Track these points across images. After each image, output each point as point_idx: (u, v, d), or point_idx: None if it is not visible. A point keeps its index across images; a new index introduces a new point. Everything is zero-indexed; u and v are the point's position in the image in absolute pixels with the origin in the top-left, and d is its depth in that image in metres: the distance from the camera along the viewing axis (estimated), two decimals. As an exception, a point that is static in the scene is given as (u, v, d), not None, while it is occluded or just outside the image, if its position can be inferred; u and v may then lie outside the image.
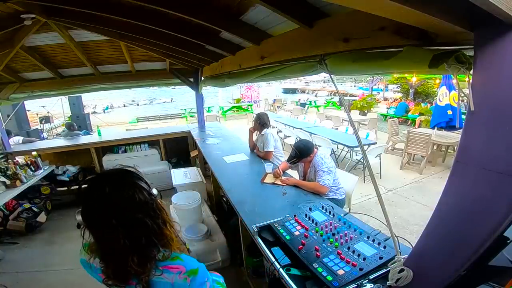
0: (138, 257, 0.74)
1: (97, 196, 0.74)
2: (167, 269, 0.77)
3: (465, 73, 0.77)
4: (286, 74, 1.82)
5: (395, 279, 0.99)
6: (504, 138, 0.66)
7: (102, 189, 0.74)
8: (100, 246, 0.77)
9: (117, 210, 0.73)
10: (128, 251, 0.73)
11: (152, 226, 0.76)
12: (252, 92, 15.69)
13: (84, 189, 0.77)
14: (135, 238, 0.74)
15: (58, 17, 2.25)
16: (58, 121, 10.54)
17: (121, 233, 0.72)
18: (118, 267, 0.76)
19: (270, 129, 3.24)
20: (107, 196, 0.73)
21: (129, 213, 0.74)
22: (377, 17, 0.85)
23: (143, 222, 0.75)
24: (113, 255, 0.75)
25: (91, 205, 0.75)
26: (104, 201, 0.73)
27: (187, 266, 0.78)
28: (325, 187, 2.26)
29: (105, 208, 0.72)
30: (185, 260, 0.80)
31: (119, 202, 0.73)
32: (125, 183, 0.77)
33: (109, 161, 4.49)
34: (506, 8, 0.58)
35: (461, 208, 0.78)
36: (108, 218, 0.72)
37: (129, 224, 0.73)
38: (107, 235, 0.73)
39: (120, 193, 0.74)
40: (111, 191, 0.74)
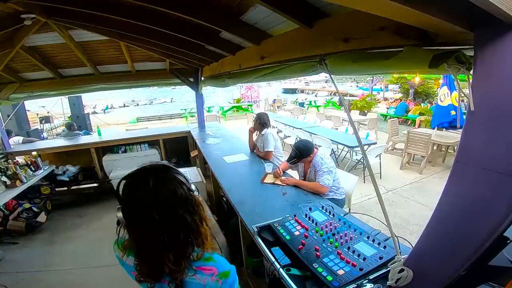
0: (174, 254, 0.73)
1: (141, 190, 0.73)
2: (200, 270, 0.76)
3: (465, 73, 0.77)
4: (286, 74, 1.82)
5: (395, 279, 0.99)
6: (504, 138, 0.66)
7: (146, 183, 0.72)
8: (139, 242, 0.76)
9: (160, 204, 0.71)
10: (166, 248, 0.72)
11: (191, 222, 0.75)
12: (252, 92, 15.69)
13: (126, 184, 0.76)
14: (174, 234, 0.73)
15: (58, 17, 2.25)
16: (58, 121, 10.56)
17: (161, 229, 0.71)
18: (154, 264, 0.75)
19: (270, 129, 3.24)
20: (151, 190, 0.72)
21: (171, 208, 0.72)
22: (377, 17, 0.85)
23: (183, 218, 0.73)
24: (150, 251, 0.74)
25: (135, 199, 0.73)
26: (148, 196, 0.71)
27: (219, 268, 0.77)
28: (325, 187, 2.26)
29: (149, 203, 0.71)
30: (218, 262, 0.79)
31: (162, 196, 0.72)
32: (167, 177, 0.76)
33: (109, 161, 4.49)
34: (506, 8, 0.58)
35: (461, 208, 0.78)
36: (151, 213, 0.70)
37: (170, 220, 0.72)
38: (147, 230, 0.72)
39: (163, 188, 0.73)
40: (155, 186, 0.72)
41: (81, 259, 2.91)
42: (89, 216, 3.90)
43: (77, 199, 4.56)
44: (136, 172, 0.77)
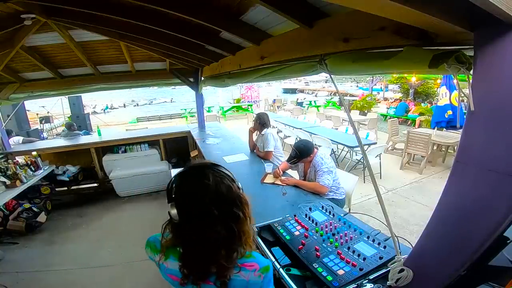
0: (226, 251, 0.75)
1: (201, 186, 0.74)
2: (244, 267, 0.77)
3: (465, 73, 0.77)
4: (286, 74, 1.82)
5: (395, 279, 0.99)
6: (504, 138, 0.66)
7: (207, 179, 0.74)
8: (193, 239, 0.76)
9: (218, 200, 0.73)
10: (220, 244, 0.74)
11: (242, 219, 0.77)
12: (252, 92, 15.69)
13: (183, 180, 0.78)
14: (229, 231, 0.74)
15: (58, 17, 2.25)
16: (58, 121, 10.54)
17: (218, 225, 0.73)
18: (205, 262, 0.76)
19: (270, 129, 3.24)
20: (210, 186, 0.74)
21: (228, 204, 0.75)
22: (377, 17, 0.85)
23: (236, 214, 0.76)
24: (203, 248, 0.75)
25: (195, 195, 0.74)
26: (208, 191, 0.73)
27: (260, 264, 0.80)
28: (325, 187, 2.26)
29: (210, 198, 0.73)
30: (257, 258, 0.81)
31: (220, 192, 0.74)
32: (223, 174, 0.78)
33: (109, 161, 4.49)
34: (506, 8, 0.58)
35: (461, 208, 0.78)
36: (211, 208, 0.72)
37: (226, 216, 0.74)
38: (205, 226, 0.73)
39: (221, 184, 0.75)
40: (214, 182, 0.74)
41: (81, 259, 2.91)
42: (89, 216, 3.90)
43: (77, 199, 4.56)
44: (191, 169, 0.79)
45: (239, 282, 0.77)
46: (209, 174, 0.75)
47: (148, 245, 0.87)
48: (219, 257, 0.74)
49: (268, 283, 0.81)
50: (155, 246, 0.85)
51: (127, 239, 3.23)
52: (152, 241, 0.87)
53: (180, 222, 0.75)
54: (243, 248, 0.79)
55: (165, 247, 0.81)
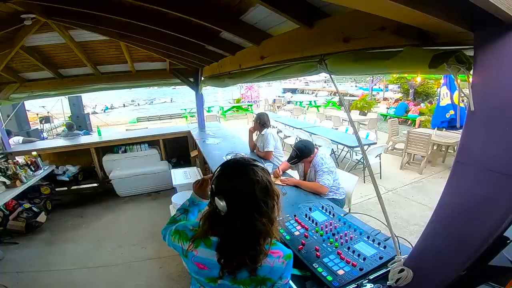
0: (264, 241, 0.81)
1: (251, 181, 0.80)
2: (270, 254, 0.82)
3: (465, 73, 0.77)
4: (286, 74, 1.82)
5: (395, 279, 0.99)
6: (504, 138, 0.66)
7: (254, 175, 0.81)
8: (238, 230, 0.80)
9: (264, 194, 0.80)
10: (261, 235, 0.80)
11: (276, 210, 0.84)
12: (252, 92, 15.70)
13: (233, 175, 0.84)
14: (269, 221, 0.81)
15: (58, 17, 2.25)
16: (58, 121, 10.55)
17: (264, 216, 0.79)
18: (244, 252, 0.79)
19: (270, 129, 3.24)
20: (259, 181, 0.81)
21: (270, 197, 0.82)
22: (377, 17, 0.85)
23: (274, 206, 0.83)
24: (247, 237, 0.79)
25: (246, 188, 0.80)
26: (257, 186, 0.80)
27: (284, 252, 0.85)
28: (325, 187, 2.26)
29: (257, 192, 0.79)
30: (280, 246, 0.87)
31: (265, 186, 0.81)
32: (265, 170, 0.86)
33: (109, 161, 4.49)
34: (506, 8, 0.58)
35: (461, 208, 0.78)
36: (258, 201, 0.79)
37: (268, 208, 0.81)
38: (253, 218, 0.79)
39: (264, 178, 0.82)
40: (261, 177, 0.82)
41: (81, 259, 2.91)
42: (89, 216, 3.90)
43: (77, 199, 4.55)
44: (238, 164, 0.86)
45: (264, 268, 0.81)
46: (256, 170, 0.82)
47: (177, 233, 0.90)
48: (259, 246, 0.79)
49: (289, 270, 0.87)
50: (185, 234, 0.89)
51: (127, 239, 3.23)
52: (181, 229, 0.91)
53: (228, 213, 0.79)
54: (273, 237, 0.84)
55: (197, 237, 0.85)
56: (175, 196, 2.90)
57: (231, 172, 0.85)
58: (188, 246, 0.85)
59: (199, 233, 0.85)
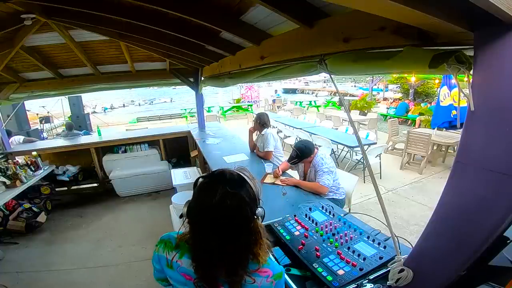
0: (239, 259, 0.75)
1: (211, 198, 0.73)
2: (257, 273, 0.78)
3: (465, 73, 0.77)
4: (286, 74, 1.82)
5: (395, 279, 0.99)
6: (504, 138, 0.66)
7: (219, 194, 0.73)
8: (202, 243, 0.76)
9: (223, 217, 0.73)
10: (233, 253, 0.74)
11: (248, 240, 0.77)
12: (252, 92, 15.70)
13: (202, 185, 0.77)
14: (247, 238, 0.76)
15: (58, 17, 2.25)
16: (58, 121, 10.55)
17: (223, 237, 0.73)
18: (216, 270, 0.76)
19: (270, 129, 3.24)
20: (219, 202, 0.72)
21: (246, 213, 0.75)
22: (377, 17, 0.85)
23: (249, 228, 0.76)
24: (206, 256, 0.75)
25: (203, 205, 0.74)
26: (216, 206, 0.72)
27: (273, 270, 0.80)
28: (325, 187, 2.26)
29: (216, 213, 0.72)
30: (270, 264, 0.82)
31: (228, 211, 0.73)
32: (239, 195, 0.75)
33: (109, 161, 4.49)
34: (506, 8, 0.58)
35: (461, 208, 0.78)
36: (217, 221, 0.72)
37: (240, 229, 0.75)
38: (208, 236, 0.74)
39: (232, 204, 0.73)
40: (223, 199, 0.72)
41: (81, 259, 2.91)
42: (89, 216, 3.90)
43: (77, 199, 4.55)
44: (215, 176, 0.78)
45: (250, 287, 0.77)
46: (223, 190, 0.73)
47: (162, 242, 0.85)
48: (232, 264, 0.75)
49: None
50: (170, 243, 0.84)
51: (127, 239, 3.23)
52: (166, 238, 0.86)
53: (190, 223, 0.76)
54: (257, 256, 0.78)
55: (179, 243, 0.82)
56: (175, 196, 2.90)
57: (202, 186, 0.78)
58: (174, 255, 0.81)
59: (183, 238, 0.81)
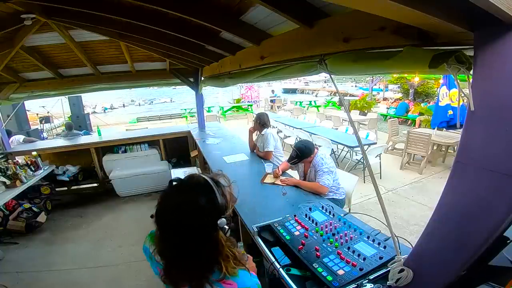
0: (197, 267, 0.75)
1: (170, 202, 0.76)
2: (220, 283, 0.76)
3: (465, 73, 0.77)
4: (286, 74, 1.82)
5: (395, 279, 0.99)
6: (504, 138, 0.66)
7: (177, 197, 0.75)
8: (164, 245, 0.78)
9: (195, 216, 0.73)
10: (197, 257, 0.74)
11: (215, 241, 0.76)
12: (252, 92, 15.69)
13: (165, 195, 0.78)
14: (204, 246, 0.75)
15: (58, 17, 2.25)
16: (58, 121, 10.55)
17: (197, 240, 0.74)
18: (175, 269, 0.76)
19: (270, 129, 3.24)
20: (175, 208, 0.74)
21: (202, 221, 0.74)
22: (377, 17, 0.85)
23: (213, 234, 0.75)
24: (174, 256, 0.76)
25: (162, 206, 0.76)
26: (171, 211, 0.74)
27: (239, 284, 0.77)
28: (325, 187, 2.26)
29: (177, 211, 0.73)
30: (240, 277, 0.79)
31: (183, 217, 0.73)
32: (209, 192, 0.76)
33: (109, 161, 4.49)
34: (506, 8, 0.58)
35: (461, 208, 0.78)
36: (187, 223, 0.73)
37: (202, 233, 0.74)
38: (168, 237, 0.75)
39: (187, 211, 0.74)
40: (180, 205, 0.74)
41: (81, 259, 2.92)
42: (89, 216, 3.90)
43: (77, 199, 4.55)
44: (181, 181, 0.79)
45: None
46: (182, 195, 0.75)
47: (150, 235, 0.89)
48: (189, 269, 0.74)
49: None
50: (154, 236, 0.86)
51: (127, 239, 3.22)
52: (154, 232, 0.86)
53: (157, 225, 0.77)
54: (221, 267, 0.77)
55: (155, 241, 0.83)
56: (175, 196, 2.89)
57: (166, 192, 0.78)
58: (153, 249, 0.82)
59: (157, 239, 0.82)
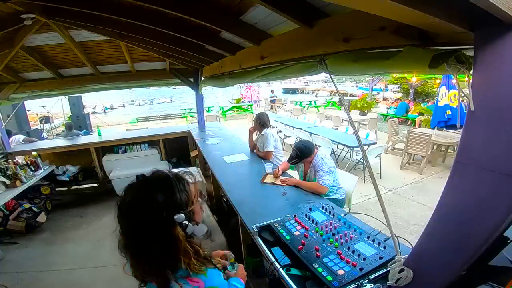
0: (162, 260, 0.75)
1: (127, 197, 0.77)
2: (186, 281, 0.76)
3: (465, 73, 0.77)
4: (286, 74, 1.82)
5: (395, 279, 0.99)
6: (504, 138, 0.66)
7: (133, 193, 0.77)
8: (125, 239, 0.78)
9: (149, 211, 0.74)
10: (156, 252, 0.75)
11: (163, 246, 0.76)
12: (252, 92, 15.69)
13: (126, 190, 0.80)
14: (161, 242, 0.75)
15: (58, 17, 2.25)
16: (58, 121, 10.56)
17: (153, 234, 0.74)
18: (138, 264, 0.77)
19: (270, 129, 3.24)
20: (130, 203, 0.76)
21: (158, 218, 0.74)
22: (377, 17, 0.85)
23: (170, 229, 0.75)
24: (134, 251, 0.77)
25: (125, 199, 0.77)
26: (127, 207, 0.76)
27: (206, 283, 0.78)
28: (325, 187, 2.26)
29: (134, 205, 0.75)
30: (208, 276, 0.79)
31: (154, 203, 0.75)
32: (168, 188, 0.78)
33: (109, 161, 4.49)
34: (506, 8, 0.58)
35: (461, 208, 0.78)
36: (134, 215, 0.74)
37: (158, 228, 0.75)
38: (132, 231, 0.76)
39: (157, 196, 0.75)
40: (134, 202, 0.76)
41: (81, 259, 2.91)
42: (89, 216, 3.90)
43: (77, 199, 4.55)
44: (144, 176, 0.80)
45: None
46: (138, 192, 0.77)
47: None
48: (150, 263, 0.75)
49: None
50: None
51: (127, 239, 3.22)
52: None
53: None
54: (186, 264, 0.77)
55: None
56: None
57: (127, 188, 0.80)
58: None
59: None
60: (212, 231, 2.74)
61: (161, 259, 0.75)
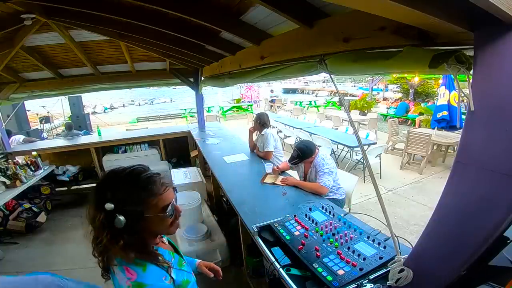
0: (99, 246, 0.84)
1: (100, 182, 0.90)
2: (124, 270, 0.78)
3: (465, 73, 0.77)
4: (286, 74, 1.82)
5: (395, 279, 0.99)
6: (504, 138, 0.66)
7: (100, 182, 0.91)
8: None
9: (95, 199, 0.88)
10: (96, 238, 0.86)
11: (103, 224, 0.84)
12: (252, 92, 15.69)
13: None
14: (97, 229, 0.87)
15: (58, 17, 2.25)
16: (58, 121, 10.55)
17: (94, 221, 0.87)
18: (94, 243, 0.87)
19: (270, 129, 3.24)
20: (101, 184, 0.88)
21: (97, 207, 0.88)
22: (377, 17, 0.85)
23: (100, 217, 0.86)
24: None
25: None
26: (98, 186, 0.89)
27: (139, 278, 0.77)
28: (325, 188, 2.26)
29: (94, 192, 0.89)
30: (145, 272, 0.79)
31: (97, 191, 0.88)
32: (114, 180, 0.89)
33: (109, 161, 4.49)
34: (506, 8, 0.58)
35: (461, 208, 0.78)
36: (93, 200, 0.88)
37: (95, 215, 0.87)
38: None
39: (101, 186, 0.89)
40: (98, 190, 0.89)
41: (81, 259, 2.91)
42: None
43: (77, 199, 4.55)
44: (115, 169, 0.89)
45: (115, 280, 0.79)
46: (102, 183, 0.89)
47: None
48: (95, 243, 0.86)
49: None
50: None
51: (127, 239, 3.22)
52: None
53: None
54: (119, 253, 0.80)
55: None
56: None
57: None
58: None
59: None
60: (212, 231, 2.74)
61: (98, 243, 0.84)
